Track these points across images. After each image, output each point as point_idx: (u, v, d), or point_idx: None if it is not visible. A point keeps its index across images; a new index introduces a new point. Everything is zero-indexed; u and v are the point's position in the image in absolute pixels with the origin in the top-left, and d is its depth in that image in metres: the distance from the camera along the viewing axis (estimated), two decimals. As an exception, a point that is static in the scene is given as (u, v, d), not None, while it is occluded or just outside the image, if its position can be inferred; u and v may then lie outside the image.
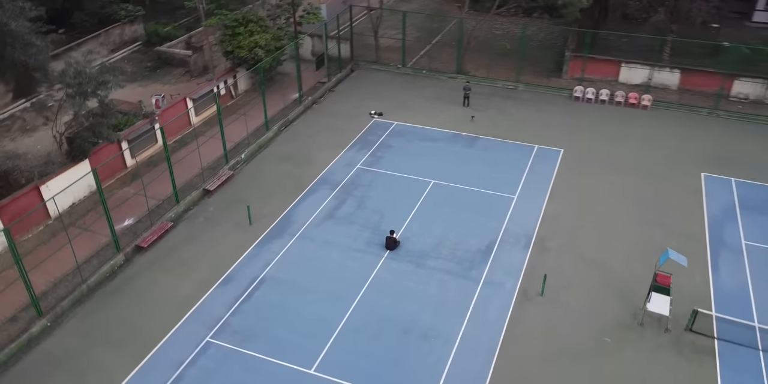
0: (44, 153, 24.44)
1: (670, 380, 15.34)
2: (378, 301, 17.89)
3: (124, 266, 19.58)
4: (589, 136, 26.88)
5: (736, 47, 32.18)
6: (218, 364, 15.92)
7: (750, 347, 16.17)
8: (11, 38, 17.99)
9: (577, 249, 19.98)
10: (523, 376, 15.46)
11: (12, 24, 17.96)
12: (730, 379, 15.31)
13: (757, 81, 28.50)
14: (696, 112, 28.80)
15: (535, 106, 29.74)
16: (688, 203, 22.37)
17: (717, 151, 25.64)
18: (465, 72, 32.56)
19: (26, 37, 18.51)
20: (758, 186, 23.23)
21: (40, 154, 24.67)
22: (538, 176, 24.02)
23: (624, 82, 30.88)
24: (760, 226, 20.99)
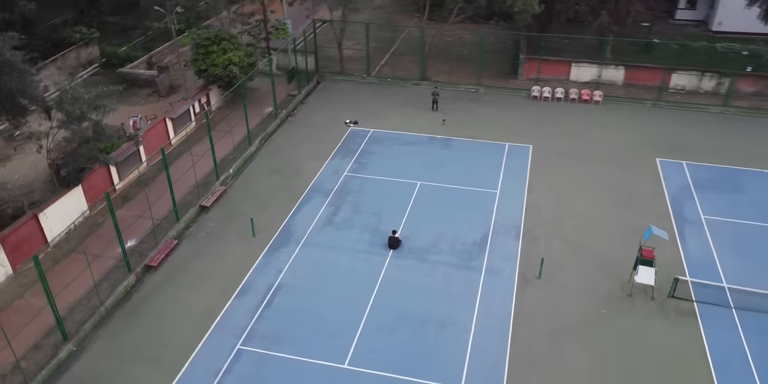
0: (25, 182, 24.21)
1: (663, 342, 17.38)
2: (392, 297, 19.11)
3: (137, 286, 19.91)
4: (553, 132, 29.15)
5: (666, 43, 35.63)
6: (254, 369, 16.69)
7: (724, 306, 18.50)
8: (8, 68, 18.04)
9: (561, 235, 21.93)
10: (537, 352, 17.08)
11: (7, 54, 18.02)
12: (713, 336, 17.52)
13: (692, 73, 31.72)
14: (642, 104, 31.72)
15: (498, 107, 31.83)
16: (649, 186, 24.88)
17: (666, 138, 28.45)
18: (428, 78, 34.34)
19: (21, 65, 18.58)
20: (706, 167, 26.08)
21: (20, 183, 24.41)
22: (514, 171, 25.95)
23: (575, 80, 33.53)
24: (714, 202, 23.69)
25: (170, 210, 22.85)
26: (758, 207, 23.30)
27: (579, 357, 16.96)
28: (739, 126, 29.71)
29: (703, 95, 31.87)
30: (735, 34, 39.46)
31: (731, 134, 28.88)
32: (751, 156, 26.88)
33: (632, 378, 16.25)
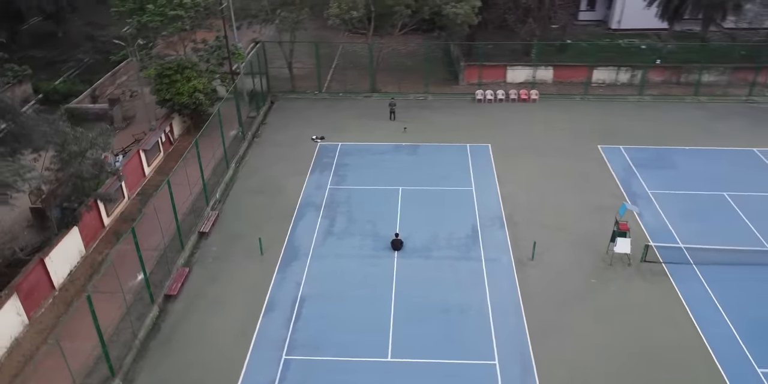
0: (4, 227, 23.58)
1: (647, 299, 20.44)
2: (410, 292, 20.89)
3: (163, 316, 20.31)
4: (504, 130, 32.18)
5: (576, 43, 40.10)
6: (305, 375, 17.84)
7: (685, 263, 21.96)
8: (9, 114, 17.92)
9: (539, 220, 24.71)
10: (549, 322, 19.54)
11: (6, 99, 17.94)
12: (684, 288, 20.83)
13: (610, 68, 36.10)
14: (572, 98, 35.65)
15: (449, 112, 34.50)
16: (598, 170, 28.40)
17: (600, 127, 32.33)
18: (378, 90, 36.44)
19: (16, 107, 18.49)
20: (639, 149, 30.08)
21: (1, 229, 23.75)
22: (482, 169, 28.58)
23: (510, 81, 36.97)
24: (654, 178, 27.55)
25: (171, 239, 23.26)
26: (689, 178, 27.41)
27: (584, 321, 19.62)
28: (655, 111, 34.28)
29: (621, 87, 36.36)
30: (631, 31, 44.90)
31: (650, 119, 33.30)
32: (672, 136, 31.25)
33: (633, 333, 19.10)
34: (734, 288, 20.81)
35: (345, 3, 30.25)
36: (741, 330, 19.06)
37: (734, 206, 25.38)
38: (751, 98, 34.77)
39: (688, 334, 19.04)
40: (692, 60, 35.97)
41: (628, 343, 18.76)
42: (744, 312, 19.76)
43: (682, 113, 33.94)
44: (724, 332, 19.04)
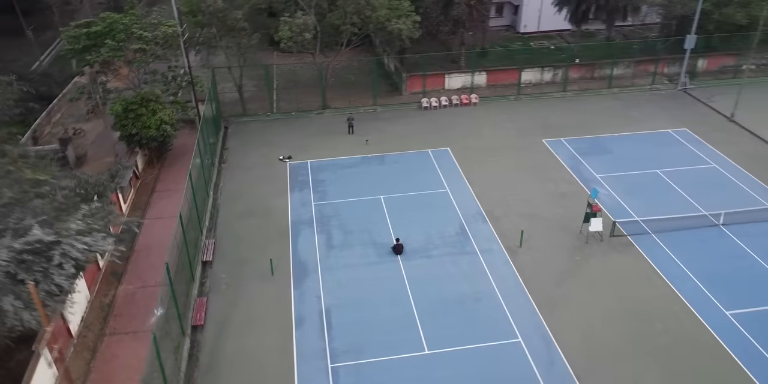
0: None
1: (625, 267, 23.78)
2: (424, 289, 22.79)
3: (197, 346, 20.70)
4: (457, 133, 34.90)
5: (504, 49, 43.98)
6: (357, 378, 19.19)
7: (645, 233, 25.63)
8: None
9: (514, 210, 27.54)
10: (552, 297, 22.25)
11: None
12: (650, 254, 24.41)
13: (535, 69, 40.05)
14: (506, 99, 39.19)
15: (401, 121, 36.72)
16: (549, 161, 31.83)
17: (538, 122, 35.99)
18: (329, 106, 37.90)
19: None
20: (577, 139, 33.95)
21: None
22: (449, 171, 31.04)
23: (449, 88, 39.89)
24: (597, 163, 31.36)
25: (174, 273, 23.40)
26: (625, 161, 31.51)
27: (579, 292, 22.55)
28: (579, 104, 38.61)
29: (546, 85, 40.46)
30: (537, 33, 49.73)
31: (577, 112, 37.52)
32: (599, 125, 35.52)
33: (622, 295, 22.27)
34: (688, 248, 24.72)
35: (296, 26, 31.51)
36: (703, 281, 22.85)
37: (668, 180, 29.69)
38: (654, 87, 40.13)
39: (665, 290, 22.54)
40: (601, 57, 40.78)
41: (620, 304, 21.92)
42: (702, 266, 23.61)
43: (602, 104, 38.53)
44: (691, 285, 22.72)
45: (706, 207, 27.12)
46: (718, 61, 41.42)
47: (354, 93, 38.99)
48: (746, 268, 23.62)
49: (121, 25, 26.83)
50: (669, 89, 40.10)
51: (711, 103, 37.90)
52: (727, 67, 41.58)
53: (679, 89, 39.79)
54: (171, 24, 28.35)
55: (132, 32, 26.52)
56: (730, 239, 25.28)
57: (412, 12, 34.42)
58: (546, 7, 47.22)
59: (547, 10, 47.41)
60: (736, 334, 20.56)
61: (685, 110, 37.35)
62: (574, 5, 40.40)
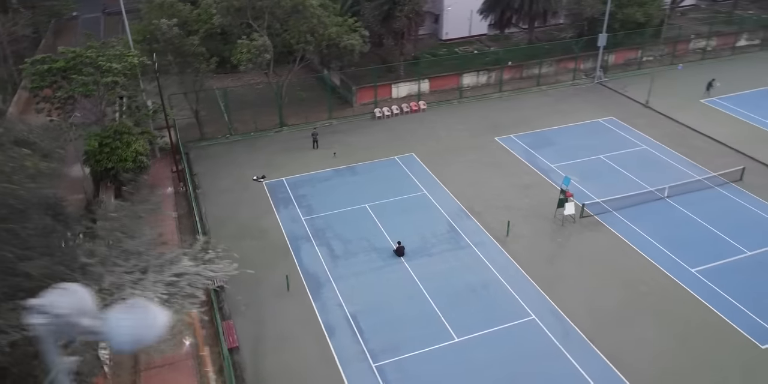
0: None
1: (601, 243, 27.05)
2: (435, 284, 24.66)
3: (238, 368, 21.15)
4: (415, 139, 37.07)
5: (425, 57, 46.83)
6: (403, 373, 20.68)
7: (607, 212, 29.12)
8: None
9: (491, 204, 30.11)
10: (549, 276, 24.96)
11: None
12: (618, 229, 27.89)
13: (472, 73, 43.20)
14: (450, 103, 41.99)
15: (359, 132, 38.33)
16: (507, 157, 34.83)
17: (485, 122, 39.03)
18: (286, 123, 38.69)
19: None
20: (525, 134, 37.27)
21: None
22: (421, 174, 33.12)
23: (396, 97, 42.03)
24: (548, 154, 34.72)
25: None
26: (571, 150, 35.21)
27: (570, 269, 25.46)
28: (515, 103, 42.20)
29: (483, 87, 43.74)
30: (458, 39, 53.24)
31: (516, 109, 41.02)
32: (537, 120, 39.17)
33: (606, 267, 25.44)
34: (645, 220, 28.49)
35: (254, 47, 32.21)
36: (666, 246, 26.59)
37: (611, 164, 33.69)
38: (575, 82, 44.69)
39: (638, 258, 26.00)
40: (526, 58, 44.73)
41: (607, 274, 25.09)
42: (661, 234, 27.39)
43: (535, 101, 42.39)
44: (657, 250, 26.36)
45: (650, 183, 31.21)
46: (624, 55, 46.85)
47: (306, 109, 40.05)
48: (696, 231, 27.73)
49: (87, 58, 26.31)
50: (587, 83, 44.84)
51: (625, 92, 42.94)
52: (631, 60, 47.13)
53: (596, 82, 44.62)
54: (134, 54, 28.11)
55: (100, 65, 26.12)
56: (676, 209, 29.41)
57: (359, 27, 36.22)
58: (465, 14, 50.85)
59: (466, 17, 51.11)
60: (703, 285, 24.32)
61: (606, 101, 42.07)
62: (499, 13, 44.09)
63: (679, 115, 39.04)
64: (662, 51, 47.58)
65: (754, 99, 41.42)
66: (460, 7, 50.67)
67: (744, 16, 56.39)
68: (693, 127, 37.57)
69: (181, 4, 33.09)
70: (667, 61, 47.17)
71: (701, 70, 45.74)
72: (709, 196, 30.39)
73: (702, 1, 61.88)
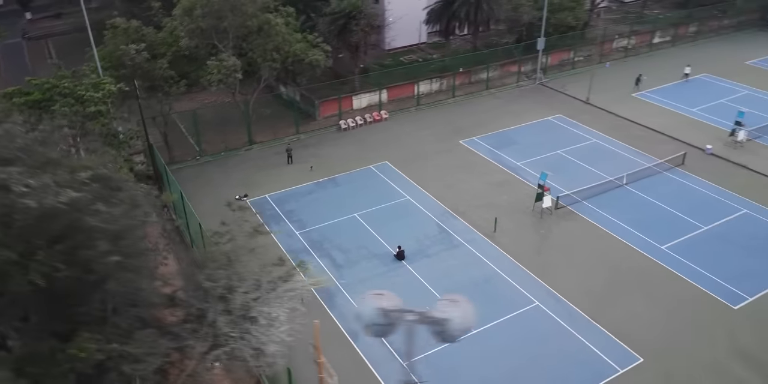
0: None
1: (577, 231, 29.65)
2: (441, 283, 26.21)
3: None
4: (385, 147, 38.52)
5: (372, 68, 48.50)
6: (432, 367, 21.95)
7: (578, 202, 31.82)
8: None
9: (472, 203, 32.07)
10: (540, 264, 27.16)
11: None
12: (591, 217, 30.63)
13: (425, 81, 45.19)
14: (409, 111, 43.78)
15: (328, 144, 39.25)
16: (475, 158, 37.02)
17: (447, 127, 41.11)
18: (255, 141, 38.93)
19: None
20: (486, 136, 39.68)
21: None
22: (399, 181, 34.59)
23: (357, 108, 43.27)
24: (513, 153, 37.28)
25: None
26: (532, 148, 37.88)
27: (558, 256, 27.81)
28: (469, 107, 44.63)
29: (437, 94, 45.87)
30: (400, 48, 55.25)
31: (472, 113, 43.42)
32: (494, 122, 41.72)
33: (591, 251, 28.02)
34: (612, 206, 31.45)
35: (225, 68, 32.47)
36: (635, 228, 29.58)
37: (570, 158, 36.68)
38: (519, 84, 47.82)
39: (614, 241, 28.78)
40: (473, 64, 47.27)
41: (591, 257, 27.67)
42: (628, 218, 30.38)
43: (487, 104, 45.01)
44: (628, 233, 29.29)
45: (607, 173, 34.32)
46: (559, 57, 50.61)
47: (271, 126, 40.46)
48: (656, 212, 30.96)
49: (65, 88, 25.71)
50: (530, 84, 48.09)
51: (566, 91, 46.51)
52: (565, 61, 51.00)
53: (537, 83, 47.97)
54: (109, 81, 27.68)
55: (80, 95, 25.60)
56: (635, 194, 32.63)
57: (322, 42, 37.22)
58: (406, 24, 52.90)
59: (407, 27, 53.17)
60: (674, 260, 27.38)
61: (551, 100, 45.38)
62: (445, 22, 46.44)
63: (617, 109, 42.91)
64: (590, 51, 51.81)
65: (676, 90, 46.17)
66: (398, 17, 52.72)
67: (650, 15, 62.23)
68: (631, 119, 41.48)
69: (146, 28, 32.74)
70: (596, 60, 51.41)
71: (625, 66, 50.30)
72: (660, 181, 33.91)
73: (612, 2, 67.52)
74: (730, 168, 35.02)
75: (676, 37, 55.83)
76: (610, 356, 22.40)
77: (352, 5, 40.73)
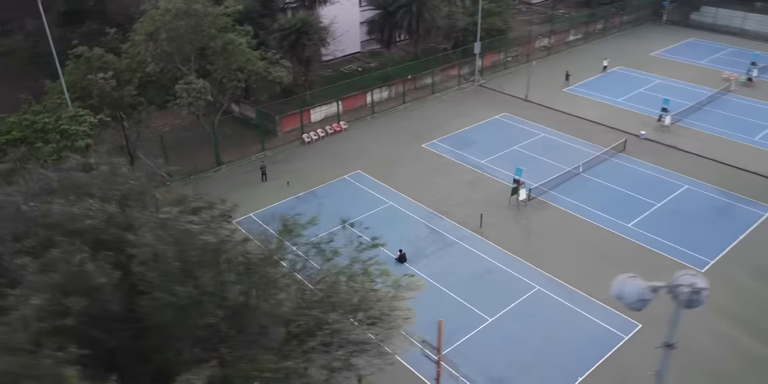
0: None
1: (552, 218, 32.53)
2: (447, 280, 27.96)
3: None
4: (353, 157, 39.67)
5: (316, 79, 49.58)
6: (462, 357, 23.56)
7: (547, 192, 34.74)
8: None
9: (452, 203, 34.09)
10: (531, 252, 29.67)
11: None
12: (561, 204, 33.64)
13: (376, 90, 46.72)
14: (365, 120, 45.15)
15: (297, 158, 39.81)
16: (441, 160, 39.13)
17: (406, 132, 42.96)
18: (222, 162, 38.65)
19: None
20: (446, 138, 41.96)
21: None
22: (376, 188, 35.94)
23: (315, 121, 44.00)
24: (473, 152, 39.75)
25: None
26: (490, 146, 40.57)
27: (542, 242, 30.49)
28: (420, 111, 46.74)
29: (388, 101, 47.56)
30: (339, 59, 56.41)
31: (423, 117, 45.58)
32: (448, 124, 44.12)
33: (570, 236, 30.94)
34: (576, 193, 34.70)
35: (194, 91, 32.25)
36: (602, 211, 32.97)
37: (527, 152, 39.71)
38: (460, 87, 50.62)
39: (587, 225, 31.92)
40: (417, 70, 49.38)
41: (572, 241, 30.62)
42: (593, 202, 33.73)
43: (436, 107, 47.34)
44: (597, 215, 32.59)
45: (563, 164, 37.65)
46: (491, 58, 54.03)
47: (234, 144, 40.32)
48: (615, 195, 34.57)
49: (46, 124, 24.69)
50: (470, 87, 51.06)
51: (504, 90, 49.90)
52: (496, 62, 54.53)
53: (477, 85, 51.04)
54: (88, 113, 26.79)
55: (65, 129, 24.68)
56: (593, 180, 36.14)
57: (280, 58, 37.72)
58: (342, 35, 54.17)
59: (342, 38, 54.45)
60: (642, 235, 30.93)
61: (493, 99, 48.51)
62: (388, 32, 48.22)
63: (554, 104, 46.78)
64: (517, 52, 55.75)
65: (599, 83, 50.96)
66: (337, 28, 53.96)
67: (557, 15, 67.61)
68: (569, 112, 45.42)
69: (109, 55, 31.74)
70: (523, 60, 55.45)
71: (549, 64, 54.66)
72: (609, 166, 37.72)
73: (522, 5, 72.57)
74: (663, 150, 39.59)
75: (587, 35, 61.30)
76: (614, 326, 25.19)
77: (303, 20, 41.53)
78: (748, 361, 23.84)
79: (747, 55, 53.43)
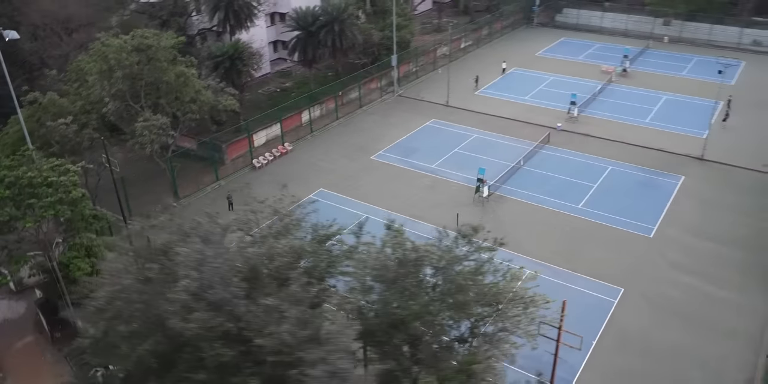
0: None
1: (515, 210, 36.17)
2: (448, 278, 30.08)
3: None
4: (311, 176, 40.55)
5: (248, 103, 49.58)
6: (490, 344, 25.92)
7: (502, 186, 38.34)
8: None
9: (422, 207, 36.53)
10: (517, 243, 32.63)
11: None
12: (519, 196, 37.44)
13: (307, 109, 47.62)
14: (306, 139, 45.98)
15: (253, 184, 39.44)
16: (394, 169, 41.36)
17: (348, 146, 44.58)
18: (179, 196, 37.48)
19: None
20: (390, 148, 44.17)
21: None
22: (346, 203, 37.33)
23: (259, 145, 43.95)
24: (422, 158, 42.42)
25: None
26: (433, 151, 43.54)
27: (518, 233, 33.70)
28: (355, 125, 48.61)
29: (322, 118, 48.72)
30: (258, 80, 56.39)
31: (361, 130, 47.50)
32: (384, 136, 46.40)
33: (540, 224, 34.72)
34: (526, 185, 38.81)
35: (156, 127, 31.34)
36: (554, 197, 37.29)
37: (467, 153, 43.25)
38: (383, 98, 53.17)
39: (544, 211, 36.05)
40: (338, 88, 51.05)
41: (542, 228, 34.54)
42: (544, 190, 38.06)
43: (368, 120, 49.45)
44: (550, 201, 36.90)
45: (505, 160, 41.68)
46: (403, 69, 57.22)
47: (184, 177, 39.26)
48: (558, 182, 39.18)
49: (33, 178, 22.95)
50: (391, 97, 53.84)
51: (423, 98, 53.30)
52: (408, 72, 57.89)
53: (397, 95, 53.94)
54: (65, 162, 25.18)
55: (52, 182, 23.11)
56: (535, 171, 40.53)
57: (226, 87, 37.59)
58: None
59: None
60: (593, 213, 35.67)
61: (418, 107, 51.65)
62: (311, 52, 49.30)
63: (473, 107, 51.07)
64: (422, 61, 59.59)
65: (503, 84, 56.32)
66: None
67: (442, 23, 72.89)
68: (489, 113, 49.90)
69: (62, 100, 29.67)
70: (429, 68, 59.45)
71: (453, 70, 59.06)
72: (543, 158, 42.44)
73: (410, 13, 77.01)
74: (580, 138, 45.26)
75: (478, 40, 67.00)
76: (603, 293, 29.17)
77: (233, 47, 41.50)
78: (709, 301, 28.98)
79: (615, 49, 62.25)
